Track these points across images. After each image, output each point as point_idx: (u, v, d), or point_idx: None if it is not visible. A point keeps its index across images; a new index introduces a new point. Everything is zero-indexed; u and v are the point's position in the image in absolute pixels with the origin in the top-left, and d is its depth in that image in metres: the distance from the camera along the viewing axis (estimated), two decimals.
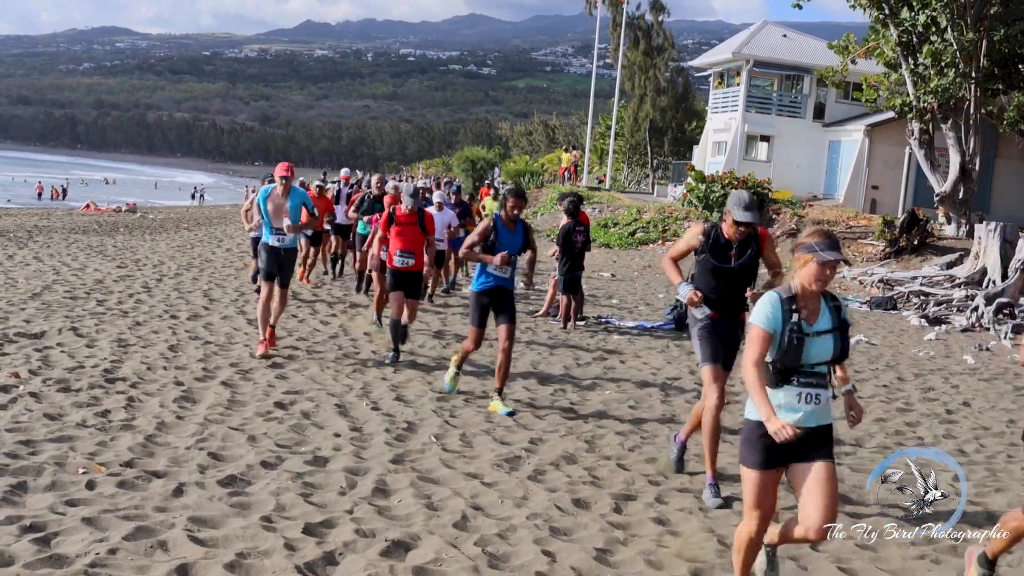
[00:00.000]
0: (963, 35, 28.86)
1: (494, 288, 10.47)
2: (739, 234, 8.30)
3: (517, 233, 10.57)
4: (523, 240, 10.66)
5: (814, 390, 5.71)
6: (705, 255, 8.30)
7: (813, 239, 5.63)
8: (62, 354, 11.32)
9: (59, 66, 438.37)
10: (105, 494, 6.94)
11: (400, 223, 12.78)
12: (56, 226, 32.14)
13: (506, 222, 10.50)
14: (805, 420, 5.68)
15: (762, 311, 5.61)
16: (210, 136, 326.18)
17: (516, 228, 10.57)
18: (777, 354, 5.58)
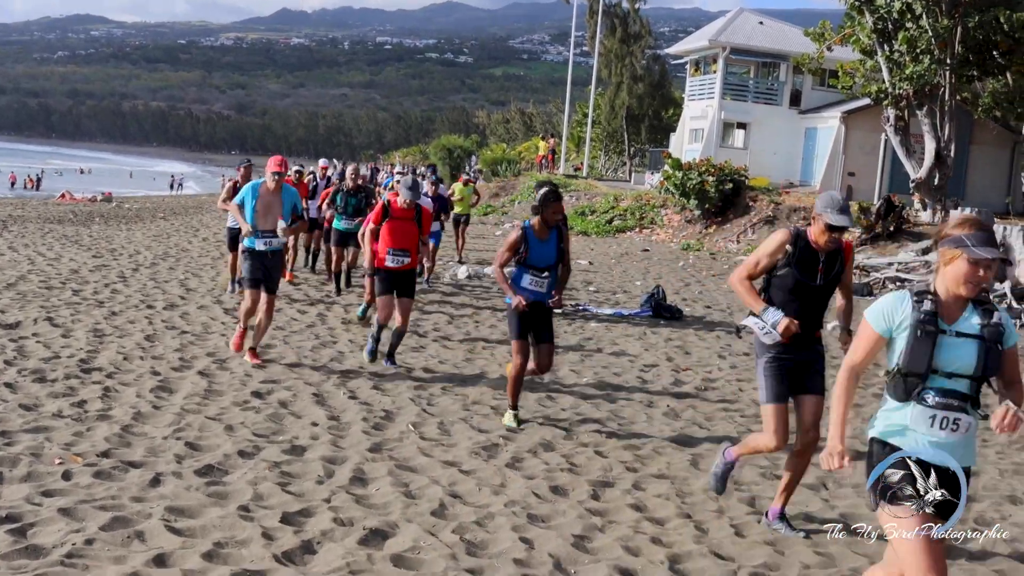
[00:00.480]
0: (938, 22, 28.95)
1: (530, 303, 9.22)
2: (830, 242, 6.77)
3: (550, 243, 9.31)
4: (556, 251, 9.35)
5: (953, 413, 4.61)
6: (788, 269, 6.83)
7: (963, 230, 4.56)
8: (37, 344, 11.27)
9: (33, 55, 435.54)
10: (81, 484, 6.92)
11: (396, 217, 11.57)
12: (31, 216, 31.98)
13: (538, 231, 9.25)
14: (940, 457, 4.63)
15: (879, 305, 4.81)
16: (186, 125, 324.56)
17: (549, 236, 9.31)
18: (901, 357, 4.73)
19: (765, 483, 8.10)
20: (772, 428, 6.83)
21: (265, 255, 11.23)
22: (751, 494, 7.83)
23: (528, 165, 60.63)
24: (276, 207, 11.28)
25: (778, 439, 6.85)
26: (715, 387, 12.02)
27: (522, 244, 9.20)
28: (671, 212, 36.34)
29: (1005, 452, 9.77)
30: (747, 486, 8.01)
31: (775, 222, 32.05)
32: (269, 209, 11.22)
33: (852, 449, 5.41)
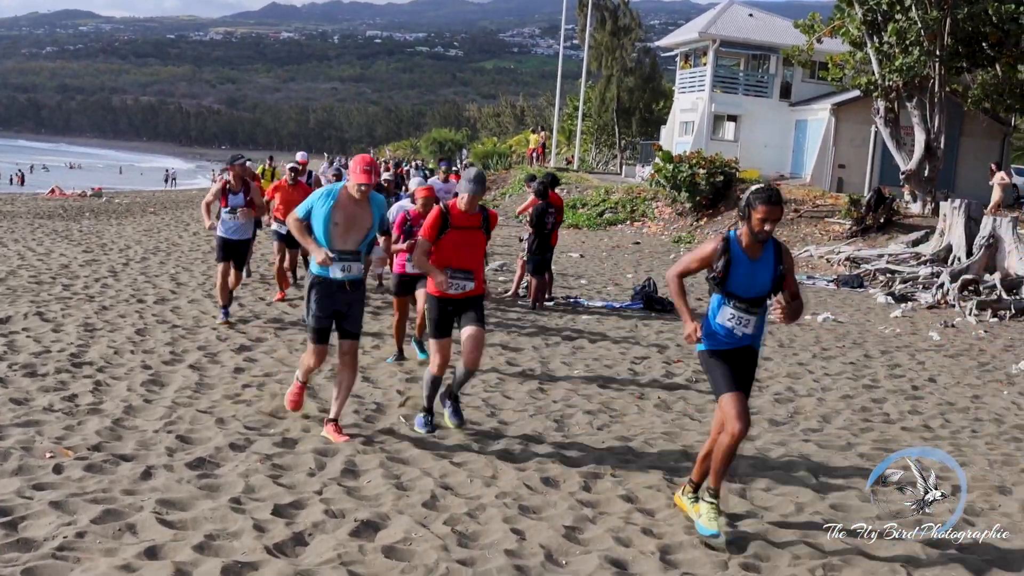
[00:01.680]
0: (927, 14, 29.02)
1: (734, 351, 6.79)
2: None
3: (765, 262, 6.67)
4: (773, 275, 6.67)
5: None
6: None
7: None
8: (28, 339, 11.25)
9: (21, 50, 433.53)
10: (73, 478, 6.92)
11: (457, 227, 8.62)
12: (21, 211, 31.90)
13: (748, 245, 6.66)
14: None
15: None
16: (176, 120, 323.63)
17: (764, 253, 6.68)
18: None
19: (756, 474, 8.12)
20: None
21: (343, 287, 8.36)
22: (742, 485, 7.85)
23: (519, 159, 60.64)
24: (363, 221, 8.36)
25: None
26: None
27: (721, 260, 6.65)
28: (662, 205, 36.37)
29: (994, 443, 9.81)
30: (737, 477, 8.03)
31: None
32: (352, 224, 8.30)
33: None
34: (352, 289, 8.41)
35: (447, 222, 8.58)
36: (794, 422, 10.15)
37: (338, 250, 8.24)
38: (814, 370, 13.03)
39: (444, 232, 8.56)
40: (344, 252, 8.27)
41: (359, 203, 8.29)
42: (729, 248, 6.66)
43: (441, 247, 8.60)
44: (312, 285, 8.37)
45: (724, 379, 6.67)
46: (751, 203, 6.57)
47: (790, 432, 9.69)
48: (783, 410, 10.66)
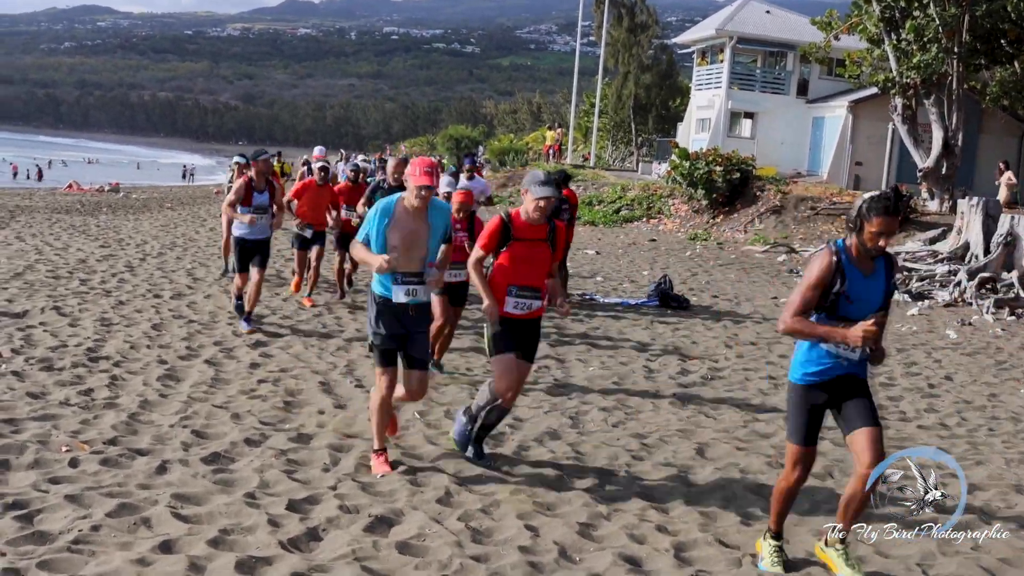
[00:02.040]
0: (945, 10, 28.87)
1: (836, 380, 6.11)
2: None
3: (876, 278, 5.99)
4: (885, 290, 6.04)
5: None
6: None
7: None
8: (45, 333, 11.29)
9: (40, 45, 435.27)
10: (88, 472, 6.94)
11: (522, 238, 7.71)
12: (39, 206, 32.03)
13: (858, 258, 5.91)
14: None
15: None
16: (194, 115, 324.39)
17: (876, 269, 5.99)
18: None
19: (771, 472, 8.10)
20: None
21: (405, 311, 7.47)
22: (756, 482, 7.83)
23: (535, 155, 60.59)
24: (424, 236, 7.46)
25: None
26: (722, 376, 12.03)
27: (833, 275, 5.87)
28: (678, 202, 36.30)
29: (1011, 441, 9.78)
30: (753, 475, 8.01)
31: (782, 212, 32.01)
32: (415, 240, 7.40)
33: None
34: (417, 313, 7.53)
35: (509, 233, 7.69)
36: None
37: (400, 272, 7.32)
38: None
39: (505, 244, 7.71)
40: (407, 274, 7.37)
41: (418, 214, 7.37)
42: (842, 264, 5.83)
43: (501, 261, 7.74)
44: (374, 303, 7.56)
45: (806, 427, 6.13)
46: (865, 214, 5.74)
47: None
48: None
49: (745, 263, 25.64)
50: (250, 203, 12.56)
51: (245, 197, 12.58)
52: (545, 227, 7.75)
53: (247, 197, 12.58)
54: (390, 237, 7.32)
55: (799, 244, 29.02)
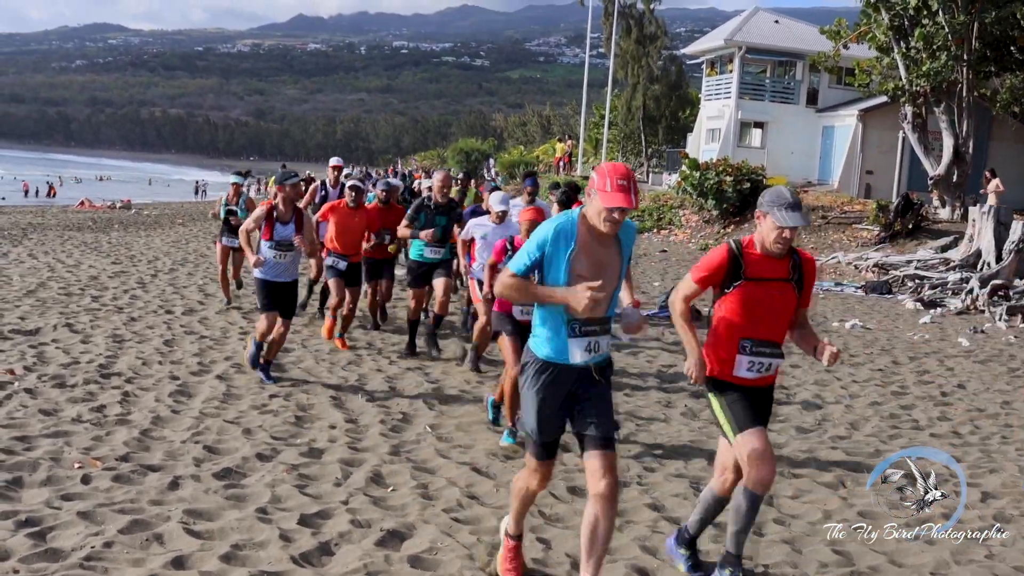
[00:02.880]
0: (955, 18, 28.88)
1: None
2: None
3: None
4: None
5: None
6: None
7: None
8: (57, 350, 11.32)
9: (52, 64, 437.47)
10: (100, 488, 6.95)
11: (757, 276, 5.78)
12: (51, 223, 32.13)
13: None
14: None
15: None
16: (204, 132, 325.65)
17: None
18: None
19: (783, 481, 8.09)
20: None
21: (586, 374, 5.42)
22: (768, 493, 7.81)
23: (546, 168, 60.64)
24: (615, 268, 5.41)
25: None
26: None
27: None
28: (689, 212, 36.31)
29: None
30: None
31: None
32: (604, 274, 5.30)
33: None
34: (600, 374, 5.46)
35: (739, 269, 5.76)
36: (822, 429, 10.09)
37: (578, 321, 5.28)
38: (842, 377, 12.97)
39: (733, 284, 5.78)
40: (589, 322, 5.30)
41: (606, 240, 5.32)
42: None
43: (727, 307, 5.85)
44: (535, 373, 5.41)
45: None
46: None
47: (818, 439, 9.64)
48: (811, 417, 10.61)
49: None
50: (271, 236, 10.39)
51: (266, 227, 10.45)
52: (787, 262, 5.81)
53: (268, 228, 10.44)
54: (574, 266, 5.24)
55: (810, 253, 28.95)
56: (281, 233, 10.39)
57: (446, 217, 12.13)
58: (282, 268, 10.50)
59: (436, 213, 12.08)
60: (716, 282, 5.83)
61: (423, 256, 12.22)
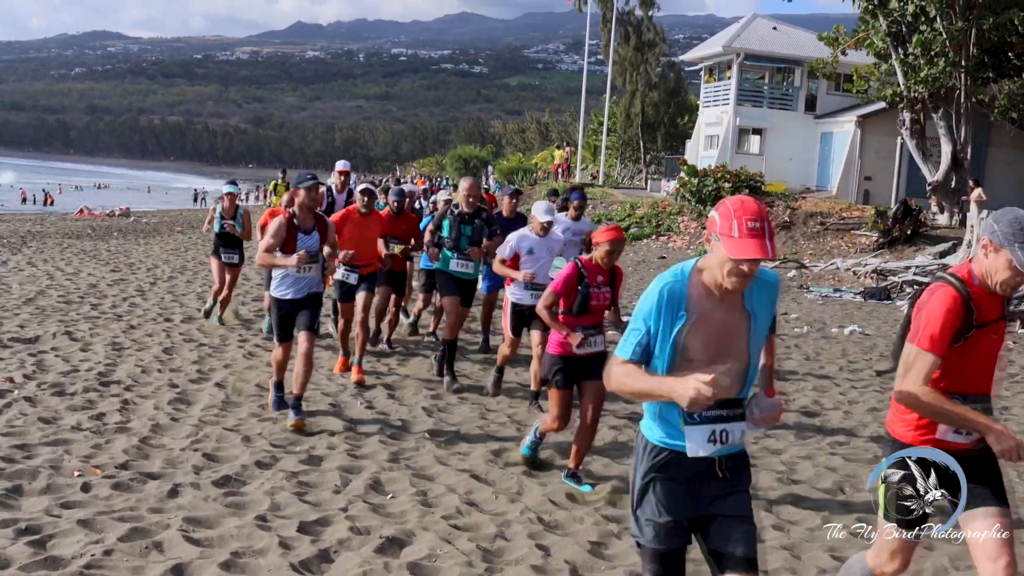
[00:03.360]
0: (952, 24, 28.93)
1: None
2: None
3: None
4: None
5: None
6: None
7: None
8: (56, 358, 11.32)
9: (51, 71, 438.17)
10: (100, 496, 6.96)
11: (984, 322, 4.68)
12: (50, 231, 32.15)
13: None
14: None
15: None
16: (203, 139, 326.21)
17: None
18: None
19: (781, 488, 8.10)
20: None
21: (710, 470, 4.27)
22: (767, 498, 7.82)
23: (544, 174, 60.72)
24: (743, 338, 4.19)
25: None
26: None
27: None
28: (687, 219, 36.33)
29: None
30: (763, 491, 8.00)
31: (792, 227, 32.00)
32: (729, 346, 4.16)
33: None
34: (731, 471, 4.27)
35: (971, 316, 4.61)
36: (820, 435, 10.10)
37: None
38: (840, 383, 12.97)
39: (965, 336, 4.64)
40: (721, 405, 4.12)
41: (731, 300, 4.13)
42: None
43: (953, 362, 4.65)
44: (650, 469, 4.27)
45: None
46: None
47: (816, 446, 9.64)
48: (810, 423, 10.61)
49: None
50: (294, 249, 9.13)
51: (287, 242, 9.20)
52: (1000, 300, 4.71)
53: (290, 241, 9.20)
54: (689, 341, 4.10)
55: (809, 259, 28.99)
56: (304, 243, 9.11)
57: (471, 226, 11.06)
58: (306, 283, 9.34)
59: (462, 222, 11.07)
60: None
61: (452, 270, 11.15)
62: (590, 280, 7.75)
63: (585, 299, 7.74)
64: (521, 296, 10.16)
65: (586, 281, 7.73)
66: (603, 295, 7.82)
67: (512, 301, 10.28)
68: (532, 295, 9.85)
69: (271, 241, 9.11)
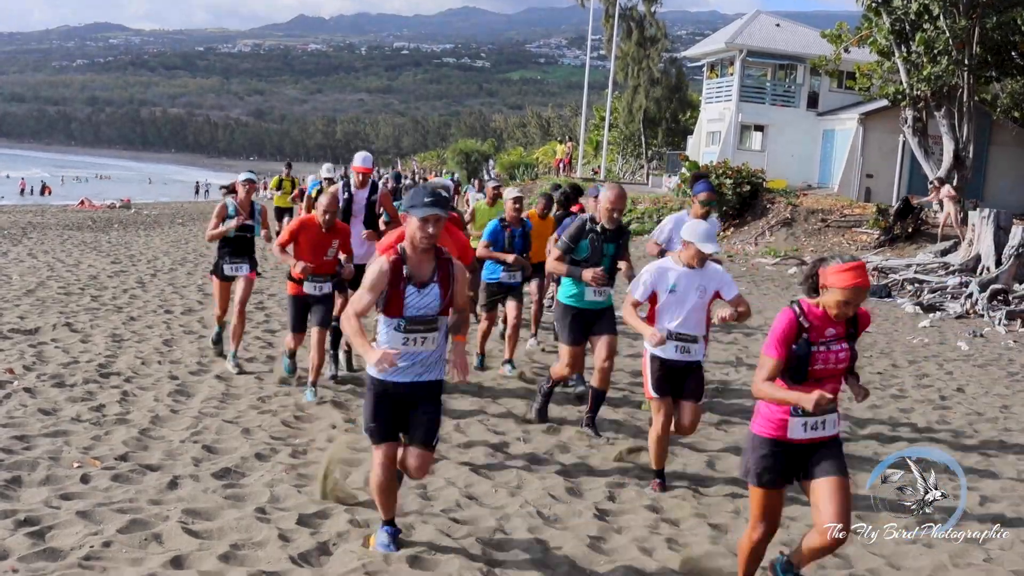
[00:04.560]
0: (956, 22, 28.88)
1: None
2: None
3: None
4: None
5: None
6: None
7: None
8: (56, 350, 11.32)
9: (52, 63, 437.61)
10: (99, 488, 6.96)
11: None
12: (50, 223, 32.13)
13: None
14: None
15: None
16: (204, 132, 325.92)
17: None
18: None
19: None
20: None
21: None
22: None
23: (546, 169, 60.68)
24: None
25: None
26: (732, 389, 12.02)
27: None
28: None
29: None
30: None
31: (793, 224, 31.98)
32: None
33: None
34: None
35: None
36: None
37: None
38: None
39: None
40: None
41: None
42: None
43: None
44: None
45: None
46: None
47: None
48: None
49: (755, 276, 25.62)
50: (400, 312, 6.87)
51: (392, 300, 6.84)
52: None
53: (395, 301, 6.90)
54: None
55: (810, 256, 28.97)
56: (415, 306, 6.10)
57: (614, 245, 9.04)
58: None
59: (605, 240, 8.96)
60: None
61: (590, 300, 9.13)
62: (814, 334, 5.36)
63: (805, 360, 5.34)
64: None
65: (807, 336, 5.35)
66: (838, 354, 5.42)
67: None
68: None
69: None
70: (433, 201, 5.85)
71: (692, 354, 7.49)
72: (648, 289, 7.55)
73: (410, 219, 5.92)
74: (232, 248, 11.24)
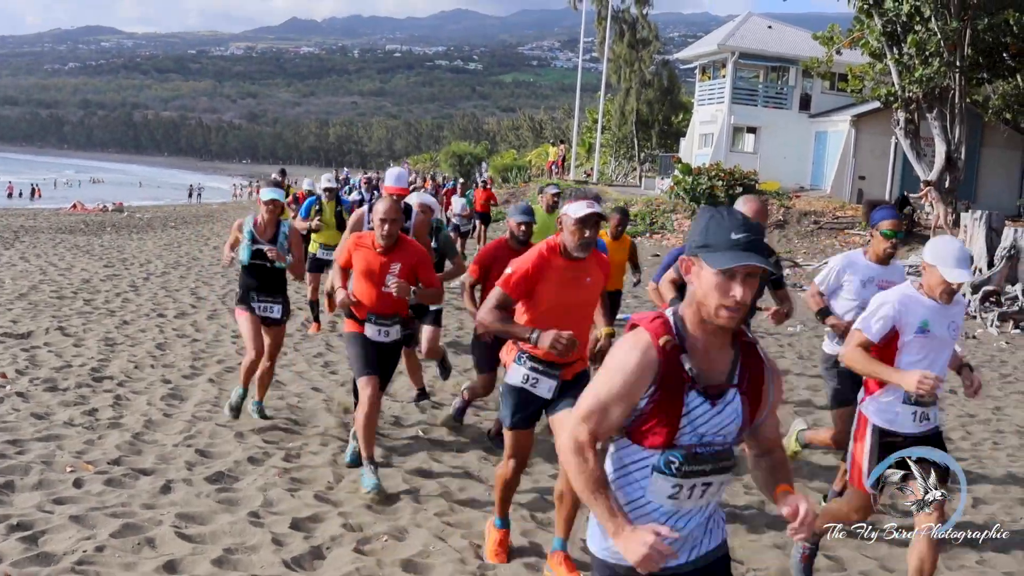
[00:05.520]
0: (947, 24, 28.94)
1: None
2: None
3: None
4: None
5: None
6: None
7: None
8: (49, 354, 11.30)
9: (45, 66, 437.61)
10: (93, 492, 6.94)
11: None
12: (43, 226, 32.07)
13: None
14: None
15: None
16: (197, 135, 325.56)
17: None
18: None
19: None
20: None
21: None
22: (762, 498, 7.82)
23: (538, 172, 60.68)
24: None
25: None
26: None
27: None
28: (681, 217, 36.32)
29: (1016, 455, 9.75)
30: (759, 491, 8.00)
31: (785, 226, 32.02)
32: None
33: None
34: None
35: None
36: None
37: None
38: None
39: None
40: None
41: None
42: None
43: None
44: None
45: None
46: None
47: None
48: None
49: None
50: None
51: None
52: None
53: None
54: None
55: (803, 258, 29.01)
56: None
57: None
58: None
59: None
60: None
61: None
62: None
63: None
64: None
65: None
66: None
67: None
68: None
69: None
70: (749, 241, 3.18)
71: (932, 420, 5.79)
72: (888, 324, 5.57)
73: (702, 271, 3.23)
74: (259, 281, 8.88)
